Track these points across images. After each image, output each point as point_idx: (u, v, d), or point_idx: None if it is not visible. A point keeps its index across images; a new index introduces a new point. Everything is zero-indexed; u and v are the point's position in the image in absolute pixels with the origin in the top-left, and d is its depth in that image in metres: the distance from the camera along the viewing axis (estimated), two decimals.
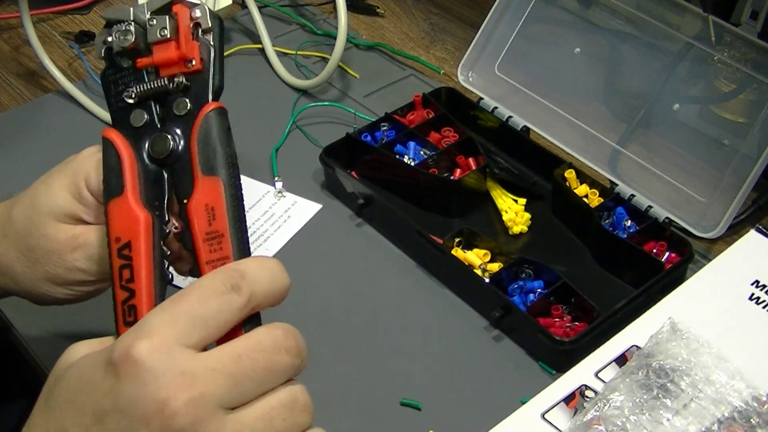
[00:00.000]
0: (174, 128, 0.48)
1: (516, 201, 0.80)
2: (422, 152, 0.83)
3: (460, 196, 0.80)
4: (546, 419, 0.60)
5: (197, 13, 0.48)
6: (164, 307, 0.41)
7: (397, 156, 0.82)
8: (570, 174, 0.79)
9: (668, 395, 0.59)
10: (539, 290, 0.71)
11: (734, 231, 0.77)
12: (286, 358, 0.41)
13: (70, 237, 0.54)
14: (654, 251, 0.74)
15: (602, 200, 0.77)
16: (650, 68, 0.83)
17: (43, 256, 0.54)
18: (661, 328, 0.63)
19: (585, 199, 0.78)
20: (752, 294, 0.68)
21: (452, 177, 0.82)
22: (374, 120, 0.86)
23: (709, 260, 0.73)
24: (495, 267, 0.73)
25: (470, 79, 0.92)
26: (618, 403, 0.58)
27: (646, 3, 0.82)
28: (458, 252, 0.74)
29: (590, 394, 0.61)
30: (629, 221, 0.76)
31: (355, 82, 0.96)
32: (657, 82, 0.82)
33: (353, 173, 0.81)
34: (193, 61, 0.48)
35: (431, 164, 0.81)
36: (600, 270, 0.75)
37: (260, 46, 1.00)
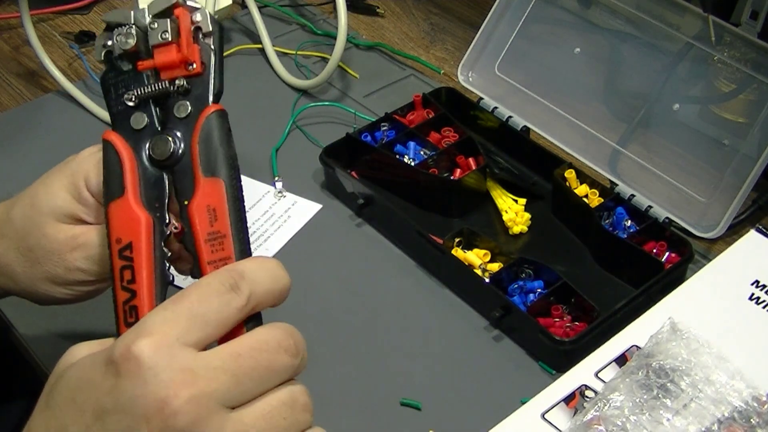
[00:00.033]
0: (174, 130, 0.48)
1: (516, 201, 0.80)
2: (422, 152, 0.83)
3: (460, 196, 0.80)
4: (546, 419, 0.60)
5: (198, 17, 0.49)
6: (165, 307, 0.41)
7: (397, 156, 0.82)
8: (570, 174, 0.79)
9: (668, 395, 0.59)
10: (539, 290, 0.71)
11: (734, 231, 0.77)
12: (286, 358, 0.41)
13: (70, 237, 0.54)
14: (654, 251, 0.74)
15: (602, 200, 0.77)
16: (650, 68, 0.83)
17: (43, 256, 0.54)
18: (661, 328, 0.63)
19: (585, 199, 0.78)
20: (752, 294, 0.68)
21: (452, 177, 0.82)
22: (374, 120, 0.86)
23: (709, 260, 0.73)
24: (495, 267, 0.73)
25: (470, 79, 0.92)
26: (618, 403, 0.58)
27: (646, 3, 0.82)
28: (458, 252, 0.74)
29: (590, 394, 0.61)
30: (629, 221, 0.76)
31: (355, 82, 0.96)
32: (657, 82, 0.82)
33: (353, 173, 0.81)
34: (194, 64, 0.48)
35: (431, 164, 0.81)
36: (600, 270, 0.75)
37: (260, 46, 1.00)
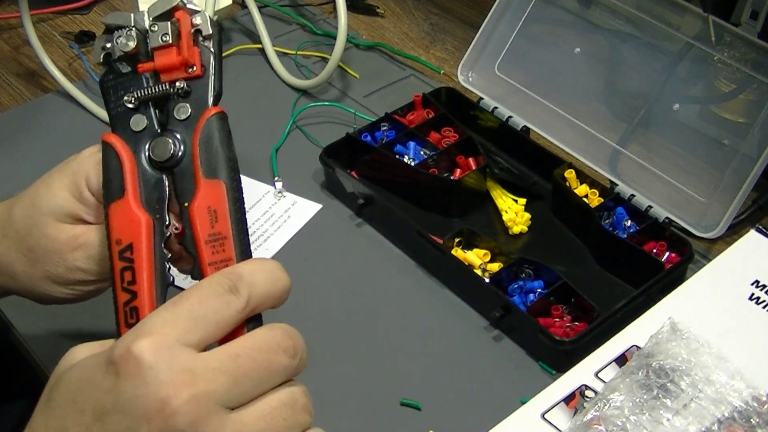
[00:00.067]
0: (174, 132, 0.48)
1: (516, 201, 0.80)
2: (422, 152, 0.83)
3: (460, 196, 0.80)
4: (546, 419, 0.60)
5: (198, 20, 0.49)
6: (165, 308, 0.41)
7: (397, 156, 0.82)
8: (570, 174, 0.79)
9: (668, 395, 0.59)
10: (539, 290, 0.71)
11: (734, 231, 0.77)
12: (284, 359, 0.41)
13: (71, 237, 0.54)
14: (654, 251, 0.74)
15: (602, 200, 0.77)
16: (650, 68, 0.83)
17: (44, 256, 0.54)
18: (661, 328, 0.63)
19: (585, 199, 0.78)
20: (752, 294, 0.68)
21: (452, 177, 0.82)
22: (374, 120, 0.86)
23: (709, 260, 0.73)
24: (495, 267, 0.73)
25: (470, 79, 0.92)
26: (618, 403, 0.58)
27: (646, 3, 0.82)
28: (458, 252, 0.74)
29: (590, 394, 0.61)
30: (629, 221, 0.76)
31: (355, 82, 0.96)
32: (657, 82, 0.82)
33: (353, 173, 0.81)
34: (194, 67, 0.49)
35: (431, 164, 0.81)
36: (600, 270, 0.75)
37: (260, 46, 1.00)
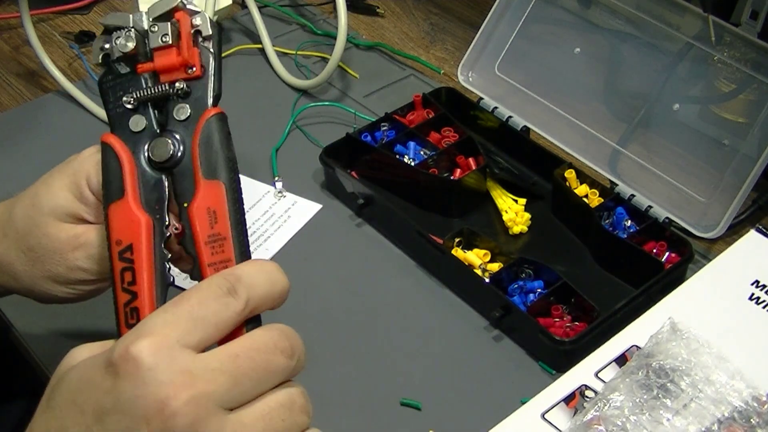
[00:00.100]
0: (173, 133, 0.48)
1: (516, 201, 0.80)
2: (422, 152, 0.83)
3: (460, 196, 0.80)
4: (546, 419, 0.60)
5: (198, 21, 0.49)
6: (165, 309, 0.41)
7: (397, 156, 0.82)
8: (570, 174, 0.79)
9: (668, 395, 0.59)
10: (539, 290, 0.71)
11: (734, 231, 0.77)
12: (282, 359, 0.41)
13: (72, 236, 0.54)
14: (654, 251, 0.74)
15: (602, 200, 0.77)
16: (650, 68, 0.83)
17: (44, 255, 0.54)
18: (661, 328, 0.63)
19: (585, 199, 0.78)
20: (752, 294, 0.68)
21: (452, 177, 0.82)
22: (374, 120, 0.86)
23: (709, 260, 0.73)
24: (495, 267, 0.73)
25: (470, 79, 0.92)
26: (618, 403, 0.58)
27: (646, 3, 0.82)
28: (458, 252, 0.74)
29: (590, 394, 0.61)
30: (629, 221, 0.76)
31: (355, 82, 0.96)
32: (657, 82, 0.82)
33: (353, 173, 0.81)
34: (194, 68, 0.49)
35: (431, 164, 0.81)
36: (600, 270, 0.75)
37: (260, 46, 1.00)
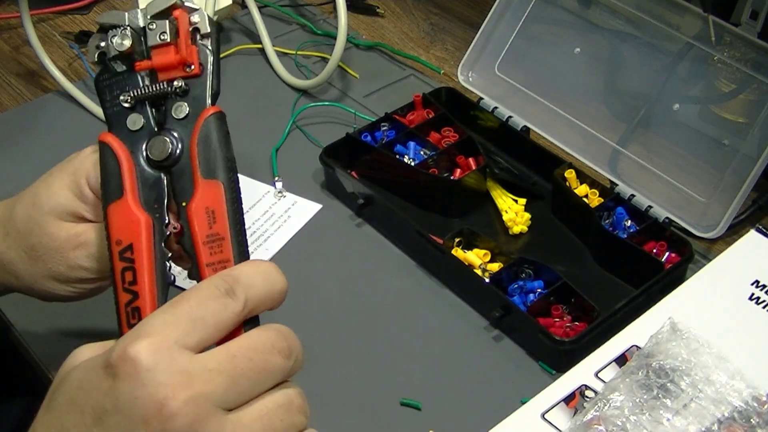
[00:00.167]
0: (172, 131, 0.48)
1: (516, 201, 0.80)
2: (422, 152, 0.83)
3: (460, 196, 0.80)
4: (546, 419, 0.60)
5: (196, 18, 0.49)
6: (164, 310, 0.41)
7: (397, 156, 0.82)
8: (570, 174, 0.79)
9: (668, 395, 0.59)
10: (539, 290, 0.71)
11: (734, 231, 0.77)
12: (279, 359, 0.41)
13: (72, 235, 0.54)
14: (654, 251, 0.74)
15: (602, 200, 0.77)
16: (650, 68, 0.83)
17: (45, 254, 0.55)
18: (661, 328, 0.63)
19: (585, 199, 0.78)
20: (752, 294, 0.68)
21: (452, 177, 0.82)
22: (374, 120, 0.86)
23: (709, 260, 0.73)
24: (495, 267, 0.73)
25: (470, 79, 0.92)
26: (618, 403, 0.58)
27: (646, 3, 0.82)
28: (458, 252, 0.74)
29: (590, 394, 0.61)
30: (629, 221, 0.76)
31: (355, 82, 0.96)
32: (657, 82, 0.82)
33: (353, 173, 0.81)
34: (192, 66, 0.48)
35: (431, 164, 0.81)
36: (600, 270, 0.75)
37: (260, 46, 1.00)
